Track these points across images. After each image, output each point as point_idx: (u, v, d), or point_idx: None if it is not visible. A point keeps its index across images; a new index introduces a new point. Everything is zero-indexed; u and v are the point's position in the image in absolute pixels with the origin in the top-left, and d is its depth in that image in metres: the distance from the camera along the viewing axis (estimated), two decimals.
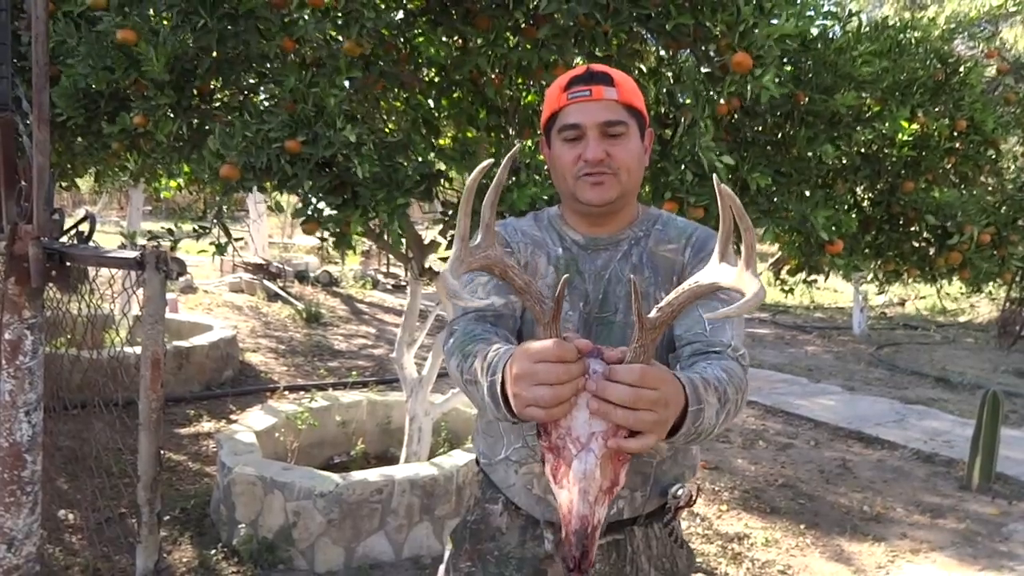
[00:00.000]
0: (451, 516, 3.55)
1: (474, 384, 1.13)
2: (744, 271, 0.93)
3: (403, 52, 2.61)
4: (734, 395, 1.10)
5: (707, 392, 1.03)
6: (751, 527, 4.17)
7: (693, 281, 0.95)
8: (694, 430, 1.01)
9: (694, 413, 0.99)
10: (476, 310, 1.31)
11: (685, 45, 2.41)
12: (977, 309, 13.50)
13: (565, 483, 0.90)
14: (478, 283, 1.35)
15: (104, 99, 2.75)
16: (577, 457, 0.89)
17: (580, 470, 0.89)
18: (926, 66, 3.48)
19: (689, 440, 1.03)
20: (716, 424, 1.06)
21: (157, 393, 1.54)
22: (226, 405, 5.82)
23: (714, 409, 1.03)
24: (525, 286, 0.96)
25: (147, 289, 1.49)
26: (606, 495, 0.90)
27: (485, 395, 1.08)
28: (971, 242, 3.20)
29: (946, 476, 5.15)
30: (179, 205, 3.93)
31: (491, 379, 1.05)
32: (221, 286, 11.39)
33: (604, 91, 1.30)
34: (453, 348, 1.23)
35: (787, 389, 7.45)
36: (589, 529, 0.88)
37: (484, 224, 1.01)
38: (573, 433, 0.90)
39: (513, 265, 0.99)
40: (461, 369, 1.18)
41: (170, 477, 4.31)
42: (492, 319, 1.30)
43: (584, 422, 0.90)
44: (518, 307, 1.34)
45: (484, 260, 1.00)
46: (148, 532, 1.64)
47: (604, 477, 0.90)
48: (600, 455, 0.89)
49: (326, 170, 2.47)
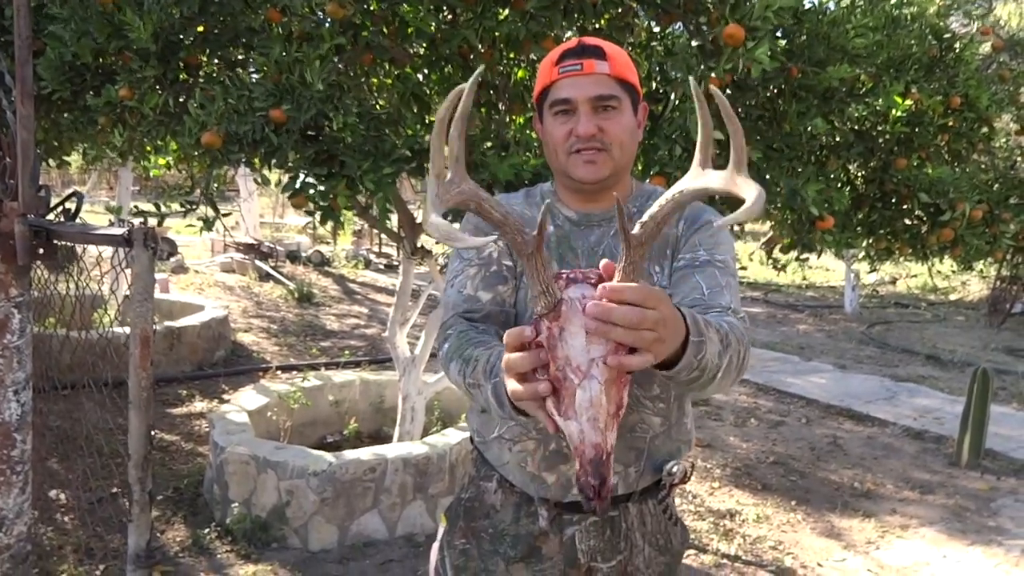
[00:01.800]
0: (444, 494, 3.55)
1: (477, 388, 1.14)
2: (736, 174, 0.90)
3: (392, 25, 2.57)
4: (736, 344, 1.08)
5: (708, 329, 1.00)
6: (743, 503, 4.20)
7: (677, 188, 0.92)
8: (696, 364, 0.98)
9: (696, 344, 0.96)
10: (464, 309, 1.31)
11: (676, 18, 2.38)
12: (968, 287, 13.56)
13: (572, 414, 0.88)
14: (467, 275, 1.34)
15: (90, 72, 2.70)
16: (580, 386, 0.87)
17: (586, 398, 0.87)
18: (921, 41, 3.45)
19: (692, 378, 1.00)
20: (720, 366, 1.03)
21: (147, 371, 1.53)
22: (218, 385, 5.81)
23: (716, 348, 1.01)
24: (503, 219, 0.92)
25: (135, 266, 1.47)
26: (614, 419, 0.88)
27: (490, 397, 1.09)
28: (963, 219, 3.19)
29: (936, 453, 5.19)
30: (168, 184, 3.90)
31: (494, 380, 1.05)
32: (212, 266, 11.33)
33: (596, 65, 1.28)
34: (451, 353, 1.23)
35: (779, 367, 7.48)
36: (604, 456, 0.87)
37: (453, 157, 0.98)
38: (573, 362, 0.87)
39: (487, 197, 0.95)
40: (463, 374, 1.18)
41: (163, 457, 4.30)
42: (480, 319, 1.30)
43: (582, 349, 0.87)
44: (508, 298, 1.33)
45: (459, 196, 0.97)
46: (139, 511, 1.63)
47: (610, 402, 0.87)
48: (603, 380, 0.87)
49: (311, 141, 2.44)
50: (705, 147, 0.95)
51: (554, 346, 0.89)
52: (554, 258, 1.34)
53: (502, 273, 1.34)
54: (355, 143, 2.38)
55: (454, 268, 1.38)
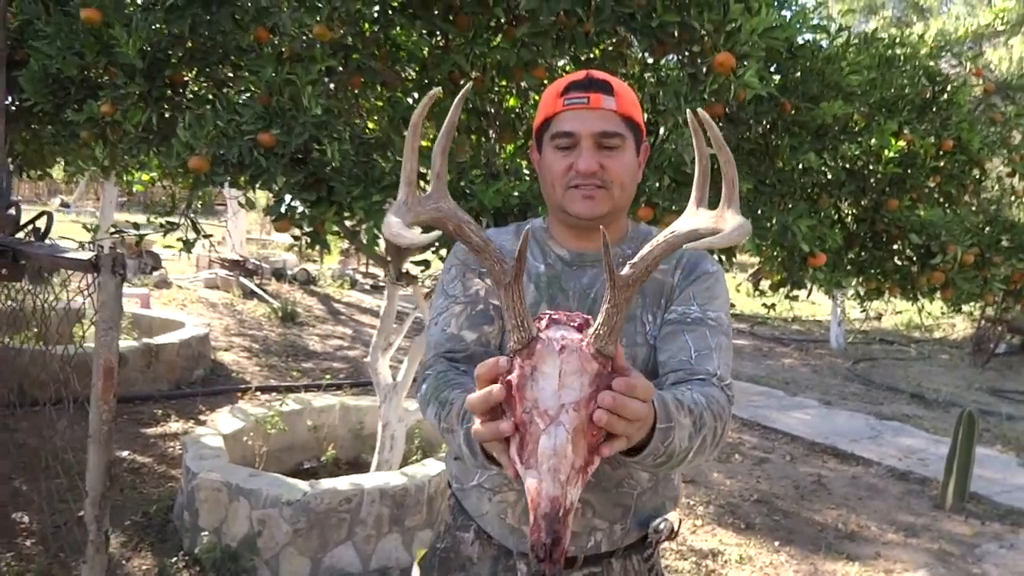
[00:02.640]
0: (421, 527, 3.46)
1: (451, 433, 1.08)
2: (725, 210, 0.87)
3: (383, 48, 2.53)
4: (712, 422, 1.03)
5: (679, 412, 0.96)
6: (725, 543, 4.12)
7: (670, 231, 0.88)
8: (663, 450, 0.94)
9: (662, 431, 0.92)
10: (447, 349, 1.25)
11: (669, 48, 2.36)
12: (953, 326, 13.62)
13: (533, 462, 0.80)
14: (452, 313, 1.28)
15: (74, 86, 2.64)
16: (546, 432, 0.80)
17: (549, 446, 0.79)
18: (914, 82, 3.46)
19: (658, 462, 0.97)
20: (689, 449, 1.00)
21: (109, 404, 1.45)
22: (195, 405, 5.68)
23: (687, 431, 0.97)
24: (483, 244, 0.87)
25: (101, 293, 1.40)
26: (579, 474, 0.80)
27: (462, 443, 1.04)
28: (955, 262, 3.17)
29: (920, 494, 5.13)
30: (154, 199, 3.83)
31: (467, 426, 0.99)
32: (196, 282, 11.20)
33: (603, 100, 1.23)
34: (428, 396, 1.18)
35: (764, 402, 7.43)
36: (560, 512, 0.78)
37: (435, 173, 0.93)
38: (541, 406, 0.80)
39: (468, 220, 0.89)
40: (439, 417, 1.13)
41: (133, 479, 4.18)
42: (463, 360, 1.23)
43: (553, 393, 0.80)
44: (492, 338, 1.27)
45: (435, 212, 0.91)
46: (95, 551, 1.54)
47: (576, 454, 0.80)
48: (571, 429, 0.79)
49: (300, 165, 2.38)
50: (702, 186, 0.91)
51: (523, 386, 0.82)
52: (544, 299, 1.28)
53: (488, 312, 1.28)
54: (345, 168, 2.33)
55: (438, 305, 1.31)
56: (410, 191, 0.92)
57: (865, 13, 13.47)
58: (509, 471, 0.84)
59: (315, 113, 2.18)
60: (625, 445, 0.85)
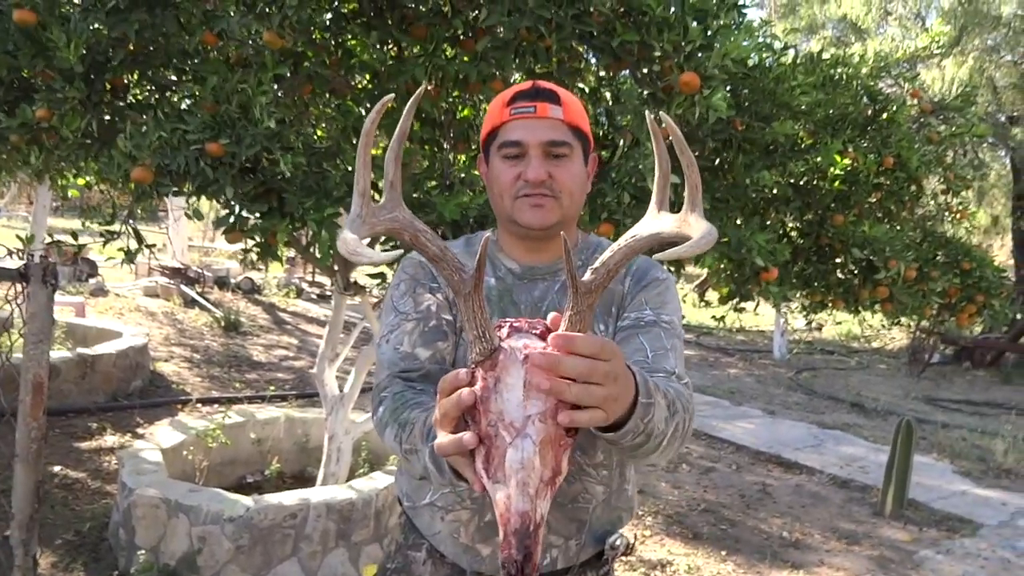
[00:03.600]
0: (368, 542, 3.39)
1: (415, 454, 1.04)
2: (688, 214, 0.85)
3: (334, 56, 2.48)
4: (682, 411, 1.02)
5: (656, 393, 0.93)
6: (674, 553, 4.15)
7: (631, 235, 0.86)
8: (643, 427, 0.91)
9: (644, 406, 0.89)
10: (401, 369, 1.21)
11: (627, 65, 2.37)
12: (892, 338, 14.06)
13: (500, 476, 0.77)
14: (403, 331, 1.24)
15: (4, 86, 2.52)
16: (512, 445, 0.77)
17: (517, 459, 0.76)
18: (856, 101, 3.56)
19: (636, 443, 0.93)
20: (665, 433, 0.96)
21: (38, 421, 1.37)
22: (133, 418, 5.49)
23: (663, 413, 0.94)
24: (440, 253, 0.84)
25: (31, 304, 1.32)
26: (548, 487, 0.78)
27: (427, 462, 1.00)
28: (897, 277, 3.26)
29: (861, 502, 5.26)
30: (90, 203, 3.68)
31: (430, 444, 0.96)
32: (135, 290, 10.86)
33: (550, 109, 1.22)
34: (386, 419, 1.13)
35: (710, 412, 7.54)
36: (531, 527, 0.76)
37: (387, 182, 0.90)
38: (506, 418, 0.78)
39: (424, 229, 0.86)
40: (400, 439, 1.09)
41: (66, 496, 4.01)
42: (418, 379, 1.20)
43: (518, 404, 0.78)
44: (447, 354, 1.24)
45: (391, 223, 0.88)
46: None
47: (545, 466, 0.77)
48: (539, 440, 0.77)
49: (250, 175, 2.31)
50: (662, 188, 0.90)
51: (487, 398, 0.79)
52: (495, 312, 1.26)
53: (441, 328, 1.25)
54: (296, 179, 2.27)
55: (389, 322, 1.28)
56: (364, 202, 0.88)
57: (806, 33, 13.86)
58: (475, 486, 0.81)
59: (268, 126, 2.11)
60: (603, 416, 0.80)
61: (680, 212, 0.86)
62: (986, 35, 11.39)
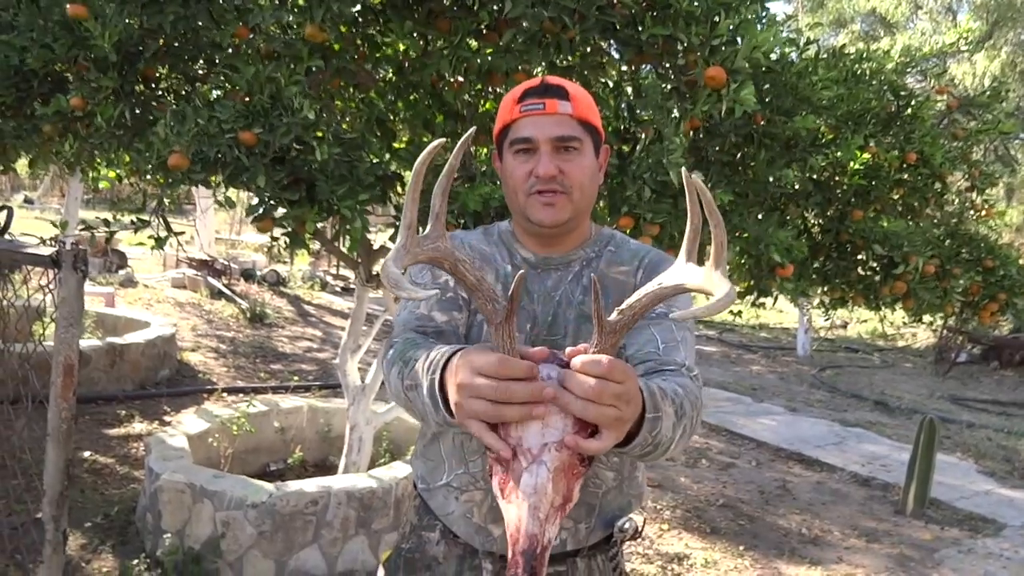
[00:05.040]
0: (388, 530, 3.45)
1: (415, 389, 1.05)
2: (712, 271, 0.88)
3: (361, 49, 2.52)
4: (690, 411, 1.05)
5: (664, 402, 0.97)
6: (691, 547, 4.16)
7: (657, 283, 0.90)
8: (651, 440, 0.94)
9: (651, 421, 0.92)
10: (416, 326, 1.24)
11: (650, 59, 2.38)
12: (915, 335, 13.89)
13: (514, 498, 0.83)
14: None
15: (37, 79, 2.60)
16: (527, 470, 0.82)
17: (530, 484, 0.82)
18: (879, 97, 3.53)
19: (644, 453, 0.97)
20: (673, 439, 1.00)
21: (68, 402, 1.43)
22: (160, 406, 5.60)
23: (671, 421, 0.98)
24: (477, 283, 0.89)
25: (62, 289, 1.38)
26: (558, 512, 0.83)
27: (424, 395, 1.01)
28: (916, 273, 3.24)
29: (882, 500, 5.23)
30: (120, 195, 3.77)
31: (431, 377, 0.99)
32: (163, 281, 11.04)
33: (558, 105, 1.25)
34: (393, 358, 1.16)
35: (731, 408, 7.52)
36: (538, 549, 0.81)
37: (434, 213, 0.94)
38: (524, 444, 0.83)
39: (464, 259, 0.91)
40: (402, 375, 1.10)
41: (95, 481, 4.11)
42: (433, 335, 1.24)
43: (537, 432, 0.83)
44: (461, 324, 1.28)
45: (433, 252, 0.92)
46: (52, 551, 1.52)
47: (556, 492, 0.83)
48: (553, 468, 0.82)
49: (281, 164, 2.36)
50: (692, 241, 0.93)
51: (509, 424, 0.85)
52: None
53: (457, 301, 1.29)
54: (328, 167, 2.31)
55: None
56: (410, 234, 0.93)
57: (833, 27, 13.71)
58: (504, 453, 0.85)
59: (305, 116, 2.16)
60: (615, 439, 0.84)
61: (706, 267, 0.90)
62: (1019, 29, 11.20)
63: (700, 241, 0.97)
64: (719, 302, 0.86)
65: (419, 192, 0.93)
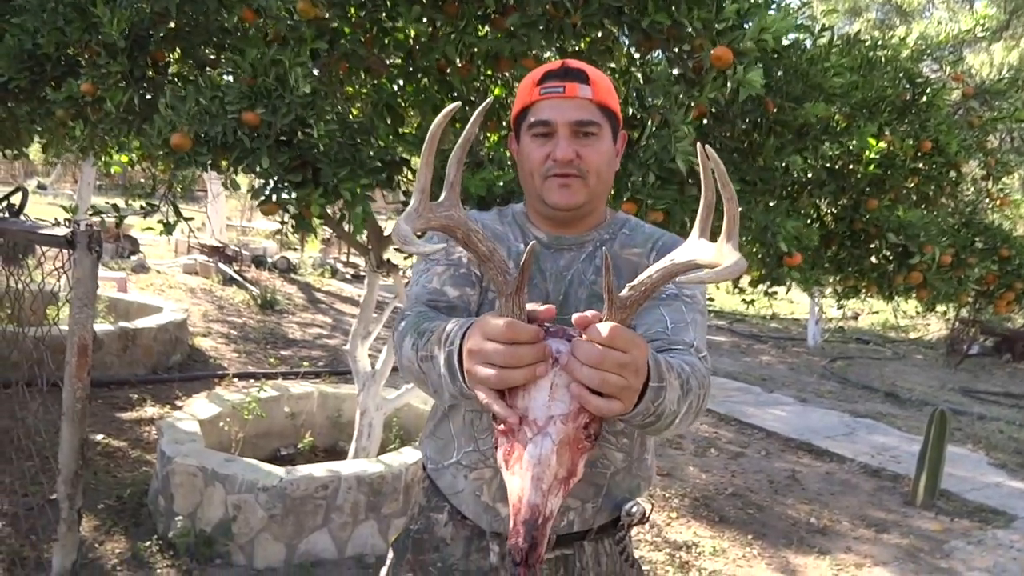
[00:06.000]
0: (397, 515, 3.47)
1: (430, 360, 1.05)
2: (724, 244, 0.87)
3: (369, 33, 2.51)
4: (697, 388, 1.04)
5: (670, 373, 0.96)
6: (700, 535, 4.16)
7: (669, 259, 0.89)
8: (653, 409, 0.93)
9: (655, 390, 0.92)
10: (428, 299, 1.25)
11: (658, 44, 2.36)
12: (927, 326, 13.81)
13: (517, 469, 0.83)
14: (434, 272, 1.28)
15: (50, 63, 2.61)
16: (532, 441, 0.82)
17: (535, 455, 0.82)
18: (894, 85, 3.49)
19: (647, 423, 0.96)
20: (677, 412, 0.99)
21: (83, 381, 1.44)
22: (172, 390, 5.64)
23: (676, 393, 0.97)
24: (489, 253, 0.88)
25: (77, 270, 1.39)
26: (561, 485, 0.83)
27: (442, 366, 1.00)
28: (932, 263, 3.21)
29: (892, 491, 5.21)
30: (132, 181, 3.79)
31: (448, 349, 0.99)
32: (175, 267, 11.11)
33: (578, 89, 1.24)
34: (406, 330, 1.16)
35: (741, 398, 7.50)
36: (540, 520, 0.81)
37: (448, 182, 0.94)
38: (530, 415, 0.83)
39: (477, 229, 0.90)
40: (416, 347, 1.09)
41: (107, 464, 4.15)
42: (445, 309, 1.24)
43: (543, 404, 0.83)
44: (473, 300, 1.28)
45: (446, 220, 0.92)
46: (67, 529, 1.54)
47: (560, 465, 0.82)
48: (558, 440, 0.82)
49: (285, 147, 2.36)
50: (705, 218, 0.92)
51: (515, 394, 0.85)
52: None
53: (470, 277, 1.29)
54: (331, 150, 2.31)
55: (420, 268, 1.32)
56: (423, 198, 0.92)
57: (849, 15, 13.57)
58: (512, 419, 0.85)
59: (303, 92, 2.16)
60: (621, 408, 0.84)
61: (718, 242, 0.89)
62: None
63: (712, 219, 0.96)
64: (726, 269, 0.85)
65: (433, 156, 0.92)
